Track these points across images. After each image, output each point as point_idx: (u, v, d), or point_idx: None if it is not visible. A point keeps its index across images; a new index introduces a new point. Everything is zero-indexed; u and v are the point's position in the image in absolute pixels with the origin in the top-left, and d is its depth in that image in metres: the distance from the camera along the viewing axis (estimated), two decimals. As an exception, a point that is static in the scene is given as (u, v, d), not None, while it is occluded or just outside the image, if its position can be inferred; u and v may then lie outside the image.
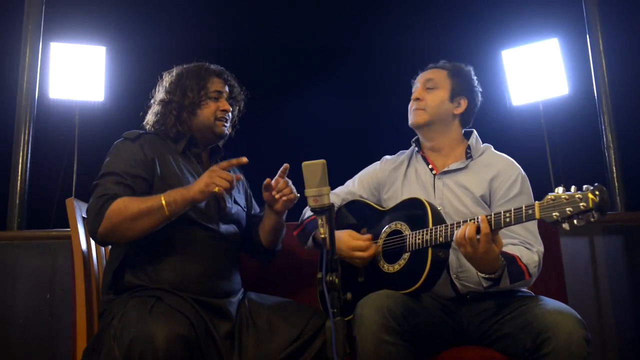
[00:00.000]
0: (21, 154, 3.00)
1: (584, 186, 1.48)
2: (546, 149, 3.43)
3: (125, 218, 1.72)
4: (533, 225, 1.88)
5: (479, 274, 1.73)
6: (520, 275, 1.75)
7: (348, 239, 1.94)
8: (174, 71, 2.07)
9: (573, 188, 1.50)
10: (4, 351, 2.63)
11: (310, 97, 3.76)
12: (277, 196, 1.90)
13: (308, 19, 4.17)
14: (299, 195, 1.90)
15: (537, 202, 1.56)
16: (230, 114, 2.04)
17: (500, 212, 1.63)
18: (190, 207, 1.81)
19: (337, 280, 1.43)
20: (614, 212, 3.02)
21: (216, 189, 1.73)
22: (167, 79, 2.06)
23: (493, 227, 1.63)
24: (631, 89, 3.33)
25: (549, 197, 1.53)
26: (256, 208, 2.18)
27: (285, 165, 1.90)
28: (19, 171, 2.98)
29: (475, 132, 2.12)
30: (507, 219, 1.61)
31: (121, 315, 1.64)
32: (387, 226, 1.95)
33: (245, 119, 2.14)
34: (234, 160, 1.84)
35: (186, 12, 4.04)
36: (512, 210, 1.61)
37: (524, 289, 1.96)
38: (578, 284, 2.72)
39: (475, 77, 2.16)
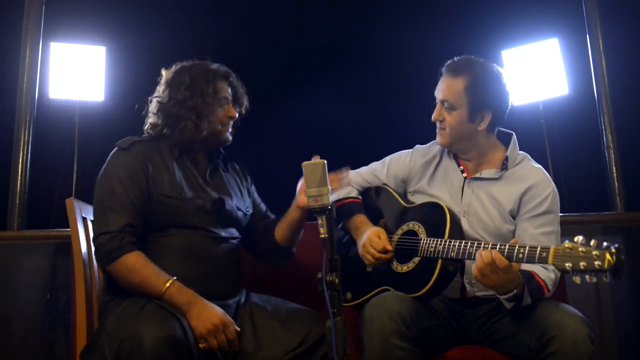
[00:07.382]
0: (21, 154, 2.99)
1: (604, 243, 1.42)
2: (546, 149, 3.42)
3: (130, 280, 1.72)
4: (550, 241, 1.80)
5: (498, 296, 1.69)
6: (540, 292, 1.73)
7: (374, 232, 1.88)
8: (180, 70, 1.97)
9: (593, 242, 1.44)
10: (4, 351, 2.62)
11: (311, 97, 3.75)
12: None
13: (308, 19, 4.16)
14: None
15: (553, 247, 1.51)
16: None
17: (514, 247, 1.58)
18: (192, 213, 1.83)
19: (337, 280, 1.43)
20: (614, 212, 3.02)
21: (210, 346, 1.64)
22: (175, 78, 1.95)
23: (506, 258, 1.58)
24: (631, 89, 3.33)
25: (566, 245, 1.47)
26: (262, 207, 2.15)
27: None
28: (19, 171, 2.97)
29: (514, 137, 1.96)
30: (520, 255, 1.57)
31: (114, 315, 1.65)
32: (404, 224, 1.92)
33: (246, 119, 2.12)
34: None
35: (186, 12, 4.03)
36: (527, 248, 1.56)
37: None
38: (578, 284, 2.70)
39: (499, 75, 1.92)
